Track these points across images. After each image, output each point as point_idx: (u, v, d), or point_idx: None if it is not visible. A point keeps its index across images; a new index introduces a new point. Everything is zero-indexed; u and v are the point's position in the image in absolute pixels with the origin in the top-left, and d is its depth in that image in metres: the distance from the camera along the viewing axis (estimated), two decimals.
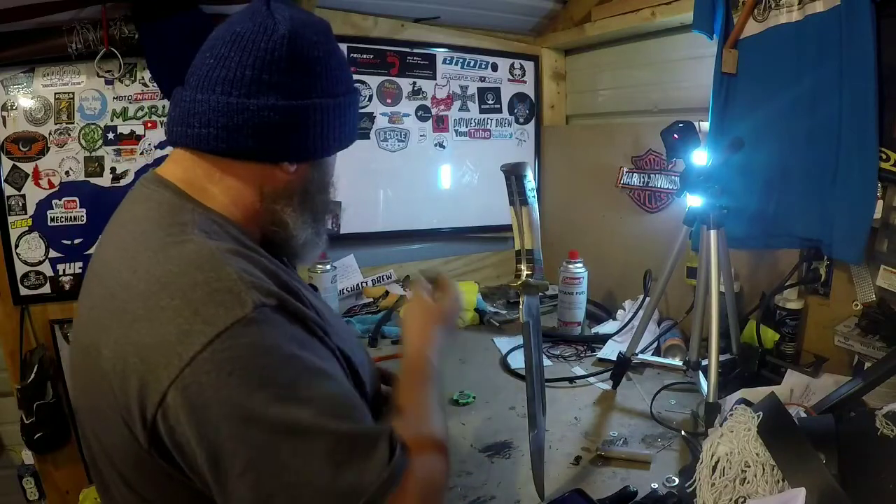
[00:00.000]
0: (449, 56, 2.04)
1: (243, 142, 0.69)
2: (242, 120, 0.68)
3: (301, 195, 0.77)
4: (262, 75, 0.68)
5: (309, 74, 0.72)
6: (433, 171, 2.11)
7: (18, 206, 1.57)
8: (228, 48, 0.70)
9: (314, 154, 0.76)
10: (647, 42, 1.83)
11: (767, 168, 1.33)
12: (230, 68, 0.69)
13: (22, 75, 1.53)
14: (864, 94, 1.12)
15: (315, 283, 1.70)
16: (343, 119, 0.76)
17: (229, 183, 0.72)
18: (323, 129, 0.74)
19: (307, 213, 0.78)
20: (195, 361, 0.56)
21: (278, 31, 0.70)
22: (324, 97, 0.73)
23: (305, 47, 0.71)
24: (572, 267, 1.69)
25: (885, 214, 1.14)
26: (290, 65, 0.70)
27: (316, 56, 0.72)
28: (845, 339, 1.18)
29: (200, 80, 0.70)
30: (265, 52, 0.69)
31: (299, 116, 0.71)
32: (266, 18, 0.71)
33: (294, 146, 0.73)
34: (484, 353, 1.61)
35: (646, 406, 1.26)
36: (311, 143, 0.74)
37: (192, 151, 0.72)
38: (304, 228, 0.78)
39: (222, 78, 0.69)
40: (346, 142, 0.80)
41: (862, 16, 1.11)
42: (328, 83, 0.74)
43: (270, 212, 0.75)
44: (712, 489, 0.83)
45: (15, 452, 1.75)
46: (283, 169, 0.73)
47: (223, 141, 0.69)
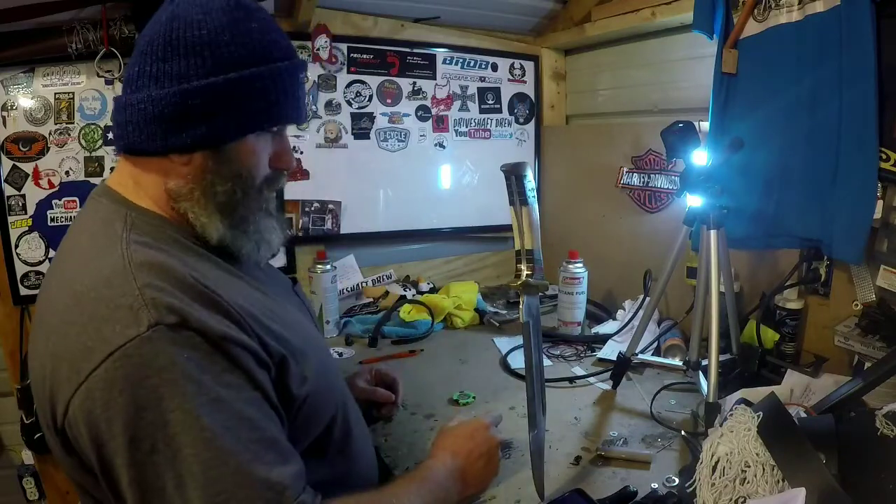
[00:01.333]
0: (449, 56, 2.04)
1: (131, 137, 0.70)
2: (129, 115, 0.70)
3: (202, 189, 0.72)
4: (144, 67, 0.69)
5: (188, 56, 0.67)
6: (433, 171, 2.11)
7: (18, 206, 1.57)
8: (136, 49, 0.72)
9: (203, 142, 0.69)
10: (647, 42, 1.83)
11: (767, 168, 1.33)
12: (128, 68, 0.71)
13: (22, 75, 1.53)
14: (864, 93, 1.12)
15: (315, 283, 1.70)
16: (240, 98, 0.69)
17: (146, 183, 0.73)
18: (211, 113, 0.68)
19: (211, 208, 0.72)
20: (91, 377, 0.58)
21: (160, 19, 0.70)
22: (206, 78, 0.67)
23: (184, 28, 0.68)
24: (572, 267, 1.69)
25: (885, 214, 1.14)
26: (167, 51, 0.67)
27: (197, 35, 0.67)
28: (845, 339, 1.18)
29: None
30: (147, 44, 0.70)
31: (177, 103, 0.67)
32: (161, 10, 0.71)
33: (175, 135, 0.68)
34: (484, 353, 1.61)
35: (646, 406, 1.26)
36: (195, 129, 0.68)
37: (120, 155, 0.75)
38: (213, 225, 0.73)
39: (125, 79, 0.72)
40: (257, 123, 0.72)
41: (862, 16, 1.10)
42: (214, 63, 0.67)
43: (180, 209, 0.73)
44: (712, 489, 0.83)
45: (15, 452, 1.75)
46: (174, 161, 0.71)
47: (121, 139, 0.72)
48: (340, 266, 1.89)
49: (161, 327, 0.59)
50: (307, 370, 0.74)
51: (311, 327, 0.90)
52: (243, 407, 0.63)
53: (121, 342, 0.58)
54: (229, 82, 0.68)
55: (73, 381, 0.59)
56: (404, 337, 1.71)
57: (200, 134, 0.69)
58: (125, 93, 0.71)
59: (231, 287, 0.70)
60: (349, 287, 1.95)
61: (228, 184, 0.72)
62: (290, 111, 0.75)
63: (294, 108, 0.76)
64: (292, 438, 0.70)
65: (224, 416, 0.60)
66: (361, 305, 1.92)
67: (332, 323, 1.74)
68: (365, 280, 2.00)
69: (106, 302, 0.61)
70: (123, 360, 0.58)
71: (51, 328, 0.64)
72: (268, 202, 0.80)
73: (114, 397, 0.58)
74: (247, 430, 0.62)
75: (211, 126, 0.69)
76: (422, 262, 2.14)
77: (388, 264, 2.07)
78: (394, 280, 2.05)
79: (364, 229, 2.00)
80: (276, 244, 0.81)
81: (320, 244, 1.92)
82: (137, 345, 0.58)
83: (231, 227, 0.74)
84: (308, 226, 1.91)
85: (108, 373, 0.58)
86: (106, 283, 0.63)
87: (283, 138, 0.79)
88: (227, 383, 0.62)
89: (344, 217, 1.95)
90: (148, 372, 0.58)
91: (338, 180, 1.93)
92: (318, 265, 1.72)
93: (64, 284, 0.66)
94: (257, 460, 0.61)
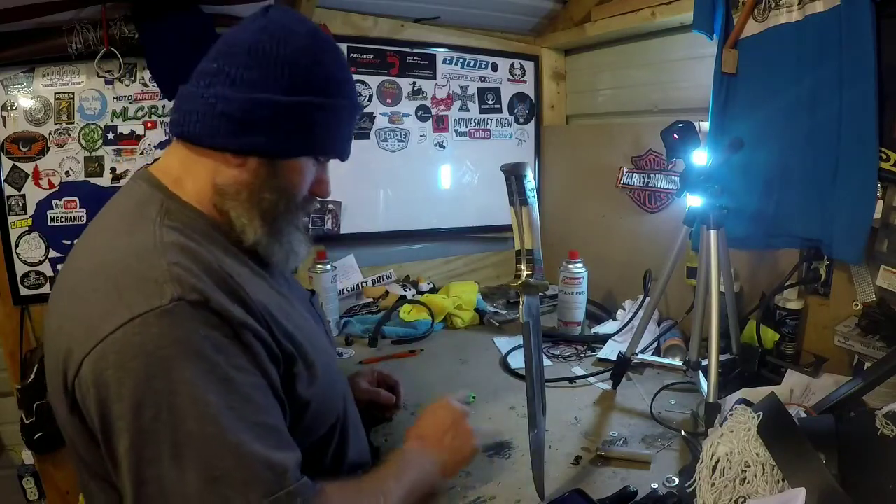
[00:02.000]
0: (449, 56, 2.04)
1: (193, 126, 0.73)
2: (196, 105, 0.73)
3: (249, 192, 0.75)
4: (223, 66, 0.72)
5: (269, 68, 0.71)
6: (433, 171, 2.11)
7: (18, 206, 1.57)
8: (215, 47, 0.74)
9: (262, 150, 0.73)
10: (647, 42, 1.83)
11: (767, 168, 1.33)
12: (205, 62, 0.74)
13: (22, 75, 1.53)
14: (864, 93, 1.12)
15: (315, 283, 1.70)
16: (306, 122, 0.73)
17: (196, 170, 0.75)
18: (275, 127, 0.72)
19: (255, 212, 0.75)
20: (107, 340, 0.59)
21: (251, 27, 0.73)
22: (280, 94, 0.71)
23: (271, 42, 0.71)
24: (572, 267, 1.69)
25: (885, 214, 1.14)
26: (249, 59, 0.71)
27: (282, 52, 0.71)
28: (845, 339, 1.18)
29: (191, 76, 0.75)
30: (230, 46, 0.73)
31: (247, 109, 0.71)
32: (252, 19, 0.74)
33: (236, 137, 0.72)
34: (484, 353, 1.61)
35: (646, 406, 1.26)
36: (256, 137, 0.72)
37: (176, 140, 0.77)
38: (252, 227, 0.76)
39: (197, 71, 0.75)
40: (312, 149, 0.77)
41: (862, 16, 1.11)
42: (291, 82, 0.71)
43: (222, 206, 0.75)
44: (712, 489, 0.83)
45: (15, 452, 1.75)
46: (229, 161, 0.73)
47: (180, 125, 0.75)
48: (340, 266, 1.89)
49: (183, 303, 0.61)
50: (314, 376, 0.76)
51: (324, 339, 0.91)
52: (251, 392, 0.64)
53: (142, 310, 0.60)
54: (300, 105, 0.72)
55: (90, 341, 0.60)
56: (404, 337, 1.71)
57: (260, 143, 0.72)
58: (196, 84, 0.74)
59: (253, 284, 0.72)
60: (349, 287, 1.95)
61: (275, 195, 0.76)
62: (340, 146, 0.82)
63: (344, 144, 0.82)
64: None
65: (232, 397, 0.62)
66: (361, 305, 1.92)
67: (332, 323, 1.73)
68: (365, 280, 2.00)
69: (133, 273, 0.63)
70: (142, 327, 0.59)
71: (73, 293, 0.66)
72: (300, 220, 0.84)
73: (127, 361, 0.59)
74: (252, 413, 0.63)
75: (272, 139, 0.72)
76: (422, 262, 2.14)
77: (388, 264, 2.07)
78: (394, 280, 2.05)
79: (364, 229, 2.00)
80: (302, 255, 0.85)
81: (320, 244, 1.92)
82: (158, 315, 0.60)
83: (268, 234, 0.77)
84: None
85: (126, 336, 0.59)
86: (136, 256, 0.65)
87: (325, 168, 0.84)
88: (238, 367, 0.64)
89: (344, 217, 1.95)
90: (164, 342, 0.59)
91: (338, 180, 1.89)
92: (318, 265, 1.72)
93: (92, 255, 0.68)
94: (259, 441, 0.62)
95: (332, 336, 1.05)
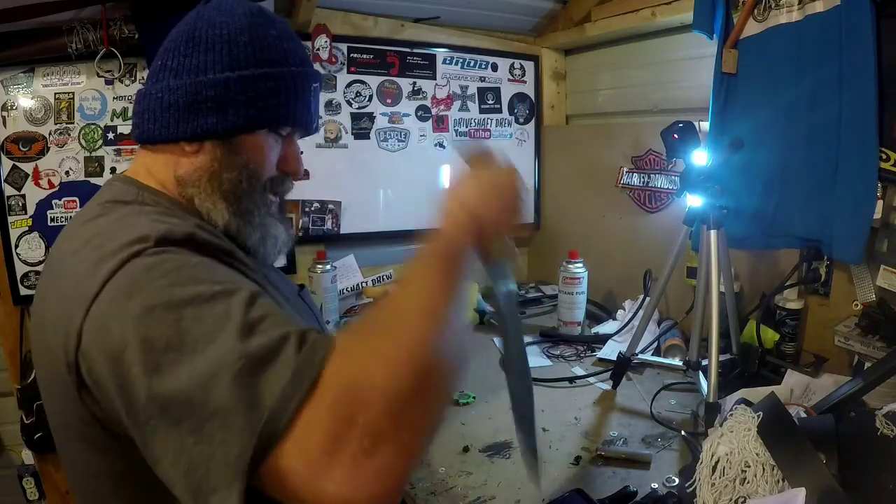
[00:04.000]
0: (449, 56, 2.04)
1: (146, 125, 0.74)
2: (146, 105, 0.74)
3: (209, 176, 0.74)
4: (165, 62, 0.73)
5: (207, 51, 0.71)
6: (433, 171, 2.10)
7: (18, 206, 1.57)
8: None
9: (213, 130, 0.72)
10: (647, 42, 1.83)
11: (767, 168, 1.33)
12: (153, 63, 0.75)
13: (22, 75, 1.53)
14: (864, 93, 1.12)
15: (315, 283, 1.70)
16: (251, 94, 0.72)
17: (157, 169, 0.76)
18: (223, 104, 0.72)
19: (217, 195, 0.74)
20: (99, 297, 0.57)
21: (187, 19, 0.74)
22: (221, 72, 0.71)
23: (207, 27, 0.72)
24: (572, 267, 1.69)
25: (885, 214, 1.14)
26: (188, 47, 0.72)
27: (218, 33, 0.72)
28: (845, 339, 1.18)
29: None
30: (171, 41, 0.74)
31: (191, 93, 0.71)
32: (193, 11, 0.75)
33: (186, 123, 0.72)
34: (484, 353, 1.61)
35: (646, 406, 1.26)
36: (206, 119, 0.72)
37: (139, 146, 0.78)
38: (217, 211, 0.74)
39: (148, 74, 0.77)
40: (266, 121, 0.75)
41: (862, 16, 1.11)
42: (231, 59, 0.71)
43: (187, 195, 0.75)
44: (712, 489, 0.83)
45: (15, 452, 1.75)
46: (185, 149, 0.74)
47: (137, 128, 0.76)
48: (340, 266, 1.89)
49: (167, 239, 0.61)
50: None
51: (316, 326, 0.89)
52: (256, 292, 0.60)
53: (126, 256, 0.58)
54: (243, 78, 0.72)
55: (84, 305, 0.57)
56: None
57: (211, 123, 0.72)
58: (146, 86, 0.75)
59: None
60: (349, 287, 1.95)
61: (234, 173, 0.75)
62: (300, 116, 0.78)
63: (303, 113, 0.79)
64: None
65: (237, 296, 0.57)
66: (361, 305, 1.92)
67: (332, 323, 1.73)
68: (365, 280, 2.00)
69: (116, 236, 0.61)
70: (131, 268, 0.58)
71: (59, 276, 0.64)
72: (271, 204, 0.81)
73: (123, 304, 0.56)
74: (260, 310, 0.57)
75: (221, 117, 0.72)
76: None
77: (388, 264, 2.07)
78: (394, 280, 2.05)
79: (364, 229, 2.00)
80: (282, 240, 0.82)
81: (320, 244, 1.92)
82: (147, 255, 0.58)
83: (236, 216, 0.75)
84: (308, 226, 1.91)
85: (115, 283, 0.57)
86: (119, 223, 0.65)
87: (291, 142, 0.82)
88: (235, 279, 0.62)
89: (344, 217, 1.95)
90: (156, 274, 0.57)
91: (338, 180, 1.93)
92: (318, 265, 1.72)
93: (72, 240, 0.66)
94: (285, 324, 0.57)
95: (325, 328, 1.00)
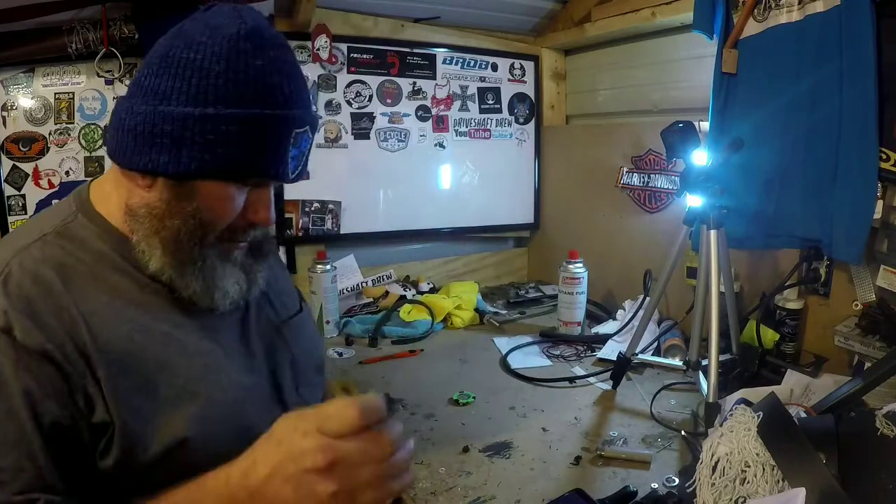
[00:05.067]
0: (449, 56, 2.04)
1: (110, 142, 0.69)
2: (113, 120, 0.69)
3: (152, 217, 0.67)
4: (140, 77, 0.67)
5: (176, 77, 0.63)
6: (433, 171, 2.10)
7: (18, 206, 1.57)
8: None
9: (164, 170, 0.65)
10: (647, 42, 1.83)
11: (767, 168, 1.33)
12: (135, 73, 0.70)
13: (22, 75, 1.53)
14: (864, 93, 1.12)
15: (315, 283, 1.70)
16: (211, 138, 0.63)
17: (119, 192, 0.71)
18: (179, 143, 0.63)
19: (155, 240, 0.68)
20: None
21: (173, 30, 0.67)
22: (184, 105, 0.63)
23: (184, 47, 0.64)
24: (572, 267, 1.69)
25: (885, 214, 1.14)
26: (161, 66, 0.64)
27: (192, 57, 0.63)
28: (845, 339, 1.18)
29: None
30: (150, 54, 0.67)
31: (150, 123, 0.64)
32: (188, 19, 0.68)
33: (139, 155, 0.65)
34: (484, 353, 1.61)
35: (646, 406, 1.26)
36: (158, 156, 0.64)
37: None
38: (155, 259, 0.68)
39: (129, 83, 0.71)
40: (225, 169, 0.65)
41: (862, 15, 1.11)
42: (197, 92, 0.63)
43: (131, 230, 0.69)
44: (712, 489, 0.83)
45: None
46: (138, 182, 0.68)
47: (107, 141, 0.74)
48: (340, 266, 1.89)
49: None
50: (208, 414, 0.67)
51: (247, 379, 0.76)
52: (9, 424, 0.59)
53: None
54: (204, 117, 0.62)
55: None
56: (404, 337, 1.70)
57: (162, 162, 0.64)
58: (123, 97, 0.70)
59: (116, 314, 0.66)
60: (349, 287, 1.95)
61: (177, 221, 0.67)
62: (267, 166, 0.67)
63: (272, 163, 0.67)
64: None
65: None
66: (361, 305, 1.92)
67: (332, 323, 1.74)
68: (365, 280, 2.00)
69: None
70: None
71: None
72: (231, 251, 0.74)
73: None
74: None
75: (174, 157, 0.64)
76: (422, 262, 2.14)
77: (388, 264, 2.07)
78: (394, 280, 2.05)
79: (364, 229, 2.00)
80: (232, 293, 0.73)
81: (320, 244, 1.92)
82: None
83: (170, 266, 0.69)
84: (308, 226, 1.91)
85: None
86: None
87: (260, 191, 0.72)
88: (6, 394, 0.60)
89: (344, 217, 1.95)
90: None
91: (338, 180, 1.92)
92: (318, 265, 1.72)
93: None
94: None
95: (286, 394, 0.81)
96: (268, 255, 0.82)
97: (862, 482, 0.75)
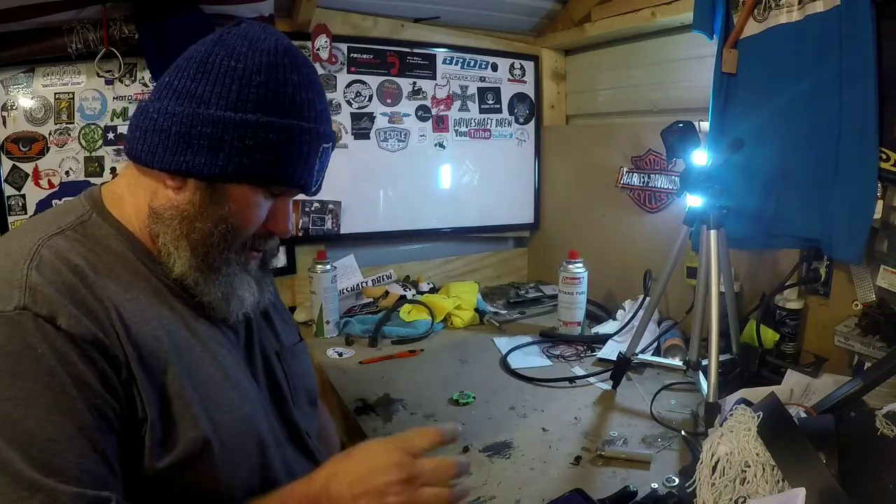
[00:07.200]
0: (449, 56, 2.04)
1: (136, 143, 0.68)
2: (140, 121, 0.69)
3: (181, 219, 0.68)
4: (172, 81, 0.67)
5: (216, 83, 0.65)
6: (433, 171, 2.10)
7: (18, 206, 1.57)
8: None
9: (199, 172, 0.66)
10: (647, 42, 1.82)
11: (767, 168, 1.33)
12: (162, 77, 0.70)
13: (22, 75, 1.53)
14: (864, 94, 1.12)
15: (315, 283, 1.70)
16: (252, 143, 0.65)
17: (137, 194, 0.71)
18: (216, 146, 0.65)
19: (183, 242, 0.68)
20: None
21: (208, 38, 0.68)
22: (224, 110, 0.65)
23: (224, 55, 0.66)
24: (572, 267, 1.69)
25: (885, 214, 1.14)
26: (199, 72, 0.66)
27: (233, 65, 0.65)
28: (845, 339, 1.18)
29: None
30: (185, 59, 0.68)
31: (187, 124, 0.65)
32: (217, 31, 0.70)
33: (173, 155, 0.66)
34: (484, 353, 1.61)
35: (646, 406, 1.26)
36: (194, 157, 0.65)
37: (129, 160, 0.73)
38: (180, 261, 0.69)
39: (155, 86, 0.71)
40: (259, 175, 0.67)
41: (862, 16, 1.10)
42: (238, 98, 0.65)
43: (154, 232, 0.69)
44: (712, 489, 0.83)
45: None
46: (166, 183, 0.68)
47: (129, 141, 0.70)
48: (340, 266, 1.89)
49: (28, 313, 0.58)
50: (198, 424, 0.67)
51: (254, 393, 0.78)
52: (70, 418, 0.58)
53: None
54: (244, 122, 0.65)
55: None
56: (404, 337, 1.70)
57: (198, 163, 0.66)
58: (148, 99, 0.70)
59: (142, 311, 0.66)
60: (349, 287, 1.95)
61: (209, 223, 0.68)
62: (298, 176, 0.70)
63: (303, 174, 0.70)
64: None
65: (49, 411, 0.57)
66: (361, 305, 1.92)
67: (332, 323, 1.73)
68: (365, 280, 2.00)
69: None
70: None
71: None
72: (250, 260, 0.76)
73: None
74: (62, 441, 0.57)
75: (210, 159, 0.66)
76: (422, 262, 2.14)
77: (388, 264, 2.07)
78: (394, 280, 2.05)
79: (364, 229, 2.00)
80: (248, 301, 0.75)
81: (320, 244, 1.92)
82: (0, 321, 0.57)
83: (198, 270, 0.70)
84: (308, 226, 1.91)
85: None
86: (7, 255, 0.62)
87: (285, 200, 0.75)
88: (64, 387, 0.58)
89: (344, 217, 1.95)
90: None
91: (338, 180, 1.92)
92: (318, 265, 1.72)
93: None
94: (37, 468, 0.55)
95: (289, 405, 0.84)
96: (271, 269, 0.83)
97: (862, 482, 0.75)
